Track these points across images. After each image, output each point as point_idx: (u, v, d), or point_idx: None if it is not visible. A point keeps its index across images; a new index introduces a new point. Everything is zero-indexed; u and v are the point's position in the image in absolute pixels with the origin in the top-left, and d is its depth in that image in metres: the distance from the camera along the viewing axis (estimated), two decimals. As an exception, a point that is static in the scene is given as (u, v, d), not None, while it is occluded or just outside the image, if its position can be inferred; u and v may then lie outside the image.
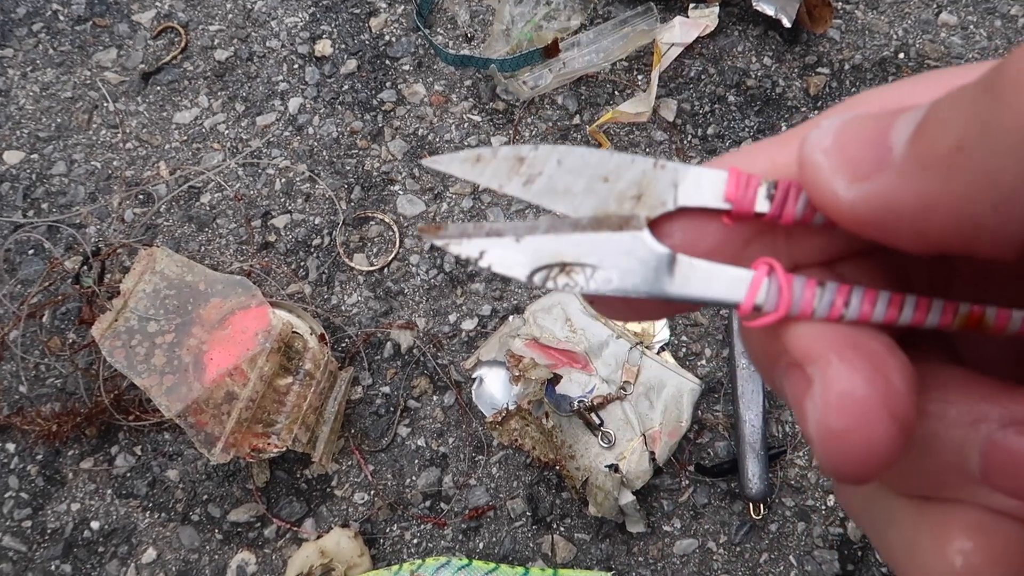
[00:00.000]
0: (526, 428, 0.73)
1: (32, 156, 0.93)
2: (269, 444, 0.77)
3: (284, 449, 0.77)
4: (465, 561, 0.74)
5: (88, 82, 0.96)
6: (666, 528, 0.78)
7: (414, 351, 0.84)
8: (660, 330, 0.83)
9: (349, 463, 0.81)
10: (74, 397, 0.82)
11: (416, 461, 0.81)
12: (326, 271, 0.88)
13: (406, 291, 0.87)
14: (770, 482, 0.77)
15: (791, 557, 0.77)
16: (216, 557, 0.78)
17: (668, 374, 0.80)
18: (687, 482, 0.79)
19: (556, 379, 0.76)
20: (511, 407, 0.73)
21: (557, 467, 0.73)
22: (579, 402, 0.78)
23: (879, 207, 0.14)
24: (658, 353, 0.82)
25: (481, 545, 0.77)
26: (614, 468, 0.75)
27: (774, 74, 0.95)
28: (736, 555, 0.77)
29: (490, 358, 0.82)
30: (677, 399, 0.79)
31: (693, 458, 0.79)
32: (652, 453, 0.77)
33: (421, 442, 0.81)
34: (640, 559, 0.77)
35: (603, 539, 0.77)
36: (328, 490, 0.80)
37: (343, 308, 0.86)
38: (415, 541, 0.78)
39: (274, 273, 0.87)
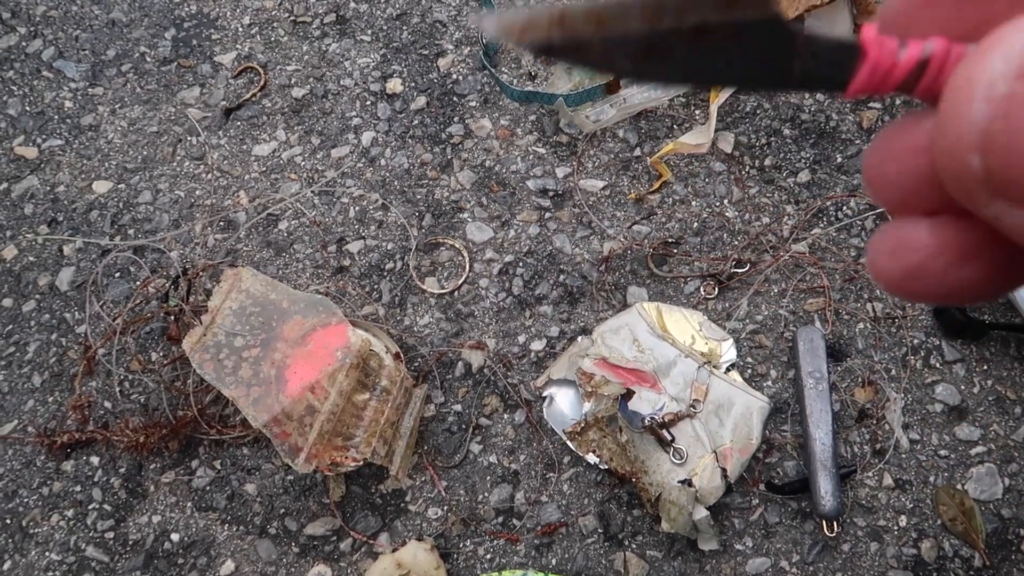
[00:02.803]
0: (603, 440, 0.75)
1: (119, 186, 0.98)
2: (347, 458, 0.79)
3: (362, 462, 0.79)
4: (541, 575, 0.74)
5: (173, 118, 1.02)
6: (737, 547, 0.78)
7: (485, 371, 0.87)
8: (727, 350, 0.85)
9: (423, 479, 0.82)
10: (156, 412, 0.84)
11: (488, 478, 0.82)
12: (399, 294, 0.91)
13: (476, 313, 0.90)
14: (842, 500, 0.77)
15: (865, 577, 0.76)
16: (293, 570, 0.79)
17: (736, 392, 0.81)
18: (757, 501, 0.80)
19: (629, 395, 0.78)
20: (589, 419, 0.75)
21: (633, 479, 0.75)
22: (650, 419, 0.79)
23: None
24: (726, 372, 0.83)
25: (554, 561, 0.78)
26: (687, 483, 0.76)
27: (827, 108, 0.99)
28: (809, 574, 0.77)
29: (560, 377, 0.84)
30: (747, 417, 0.80)
31: (763, 477, 0.80)
32: (724, 470, 0.78)
33: (493, 459, 0.83)
34: (713, 577, 0.77)
35: (675, 557, 0.78)
36: (402, 505, 0.81)
37: (415, 329, 0.89)
38: (488, 556, 0.79)
39: (349, 295, 0.91)
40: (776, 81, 0.15)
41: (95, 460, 0.85)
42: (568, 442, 0.78)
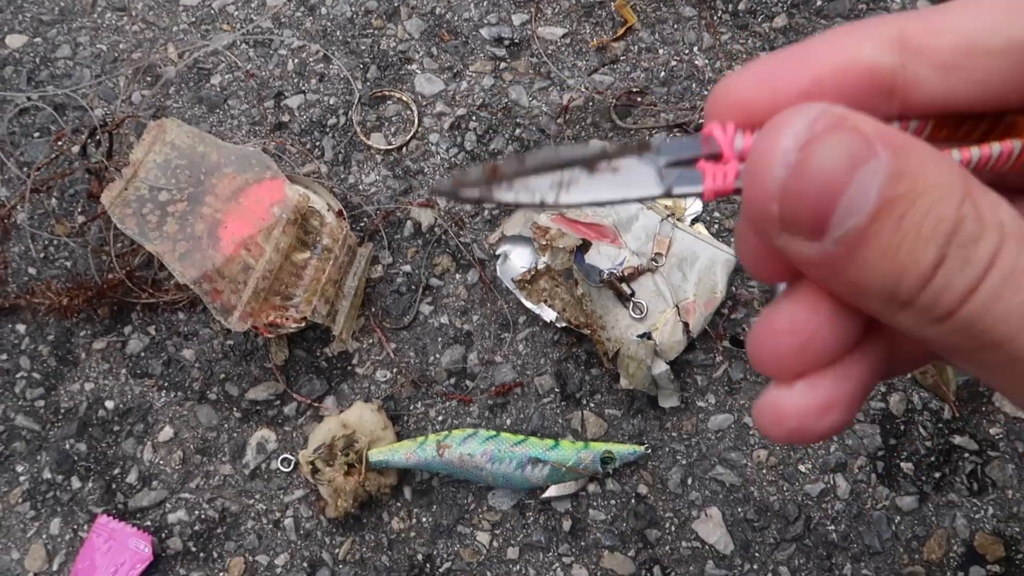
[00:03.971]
0: (556, 289, 0.70)
1: (35, 40, 0.90)
2: (287, 318, 0.74)
3: (303, 324, 0.74)
4: (492, 433, 0.71)
5: (91, -36, 0.92)
6: (700, 404, 0.75)
7: (435, 229, 0.81)
8: (692, 203, 0.79)
9: (370, 341, 0.78)
10: (84, 277, 0.79)
11: (439, 339, 0.78)
12: (342, 151, 0.84)
13: (426, 170, 0.84)
14: (809, 354, 0.73)
15: (831, 431, 0.74)
16: (235, 435, 0.75)
17: (701, 245, 0.77)
18: (721, 358, 0.76)
19: (585, 246, 0.73)
20: (539, 267, 0.70)
21: (588, 331, 0.70)
22: (609, 272, 0.74)
23: None
24: (690, 225, 0.78)
25: (508, 422, 0.75)
26: (647, 336, 0.72)
27: (809, -53, 0.90)
28: (773, 429, 0.74)
29: (514, 233, 0.79)
30: (711, 270, 0.76)
31: (727, 333, 0.76)
32: (686, 324, 0.74)
33: (444, 320, 0.78)
34: (673, 435, 0.74)
35: (635, 415, 0.74)
36: (349, 368, 0.77)
37: (361, 187, 0.83)
38: (440, 418, 0.75)
39: (289, 152, 0.84)
40: (652, 196, 0.20)
41: (21, 328, 0.79)
42: (517, 293, 0.73)
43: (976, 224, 0.17)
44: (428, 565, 0.71)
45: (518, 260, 0.79)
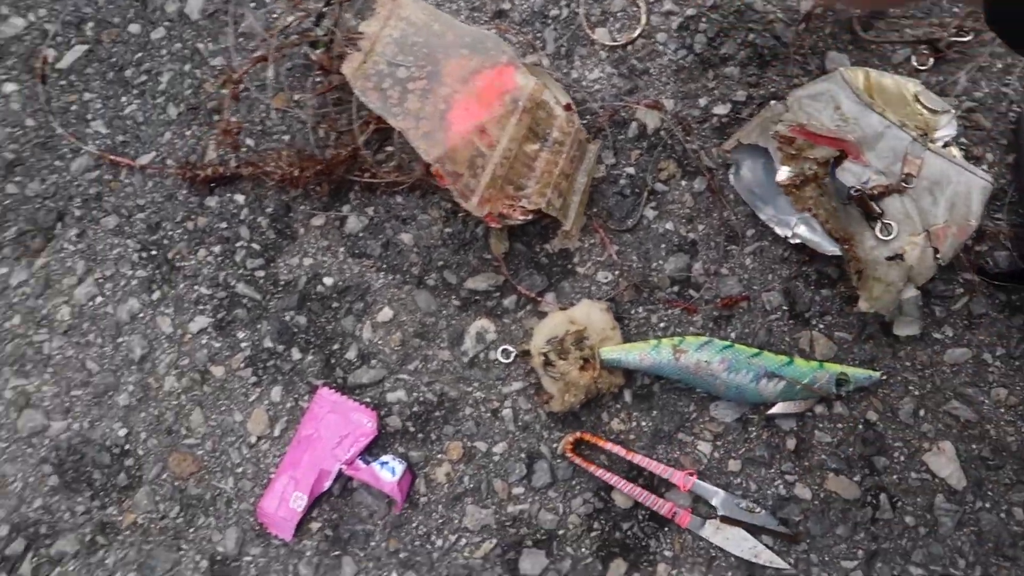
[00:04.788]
0: (821, 198, 0.67)
1: (250, -94, 0.87)
2: (516, 209, 0.72)
3: (529, 217, 0.72)
4: (727, 343, 0.69)
5: None
6: (935, 335, 0.72)
7: (661, 133, 0.78)
8: (946, 124, 0.74)
9: (592, 242, 0.76)
10: (306, 152, 0.78)
11: (663, 245, 0.75)
12: (564, 44, 0.81)
13: (652, 71, 0.80)
14: (1064, 294, 0.69)
15: (1075, 377, 0.70)
16: (453, 323, 0.75)
17: (955, 170, 0.72)
18: (962, 289, 0.72)
19: (841, 158, 0.69)
20: (808, 173, 0.67)
21: (846, 246, 0.67)
22: (857, 189, 0.71)
23: None
24: (943, 148, 0.73)
25: (733, 335, 0.73)
26: (899, 258, 0.68)
27: None
28: (1016, 369, 0.70)
29: (750, 142, 0.75)
30: (965, 196, 0.71)
31: (975, 264, 0.72)
32: (935, 250, 0.70)
33: (669, 226, 0.76)
34: (907, 364, 0.71)
35: (866, 340, 0.72)
36: (569, 267, 0.75)
37: (584, 84, 0.80)
38: (662, 325, 0.73)
39: (509, 42, 0.81)
40: None
41: (240, 199, 0.79)
42: (786, 195, 0.69)
43: None
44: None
45: (750, 171, 0.76)
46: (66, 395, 0.76)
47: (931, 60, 0.78)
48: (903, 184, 0.72)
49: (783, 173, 0.72)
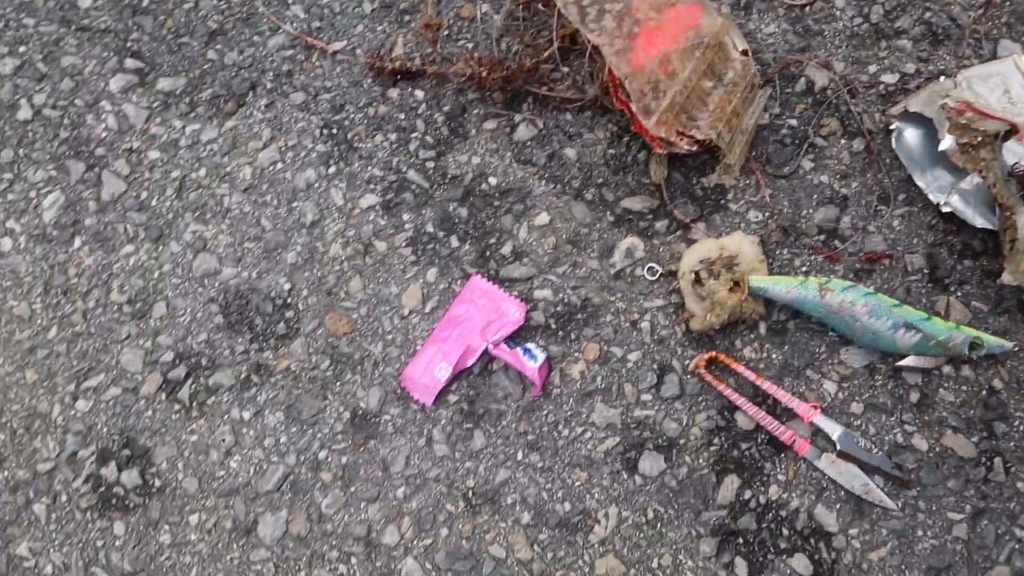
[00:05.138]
0: (993, 163, 0.70)
1: None
2: (685, 138, 0.76)
3: (693, 148, 0.76)
4: (871, 291, 0.72)
5: None
6: (1071, 320, 0.74)
7: (828, 92, 0.81)
8: (1114, 121, 0.76)
9: (747, 182, 0.80)
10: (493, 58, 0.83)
11: (815, 196, 0.79)
12: (745, -4, 0.85)
13: (826, 33, 0.83)
14: None
15: None
16: (605, 236, 0.79)
17: (1119, 165, 0.74)
18: (1104, 282, 0.74)
19: (1011, 132, 0.72)
20: (985, 137, 0.70)
21: (1008, 212, 0.70)
22: (1019, 166, 0.73)
23: None
24: (1109, 143, 0.75)
25: (872, 288, 0.76)
26: (1053, 237, 0.71)
27: None
28: None
29: (917, 110, 0.78)
30: (1125, 191, 0.73)
31: (1120, 258, 0.74)
32: (1087, 237, 0.72)
33: (824, 179, 0.79)
34: (1039, 342, 0.73)
35: (1002, 313, 0.74)
36: (723, 202, 0.79)
37: (759, 36, 0.84)
38: (804, 269, 0.77)
39: (694, -14, 0.85)
40: None
41: (420, 94, 0.85)
42: (957, 158, 0.72)
43: None
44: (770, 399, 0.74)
45: (912, 137, 0.79)
46: (239, 246, 0.82)
47: (1104, 61, 0.80)
48: (1064, 170, 0.74)
49: (947, 142, 0.75)
